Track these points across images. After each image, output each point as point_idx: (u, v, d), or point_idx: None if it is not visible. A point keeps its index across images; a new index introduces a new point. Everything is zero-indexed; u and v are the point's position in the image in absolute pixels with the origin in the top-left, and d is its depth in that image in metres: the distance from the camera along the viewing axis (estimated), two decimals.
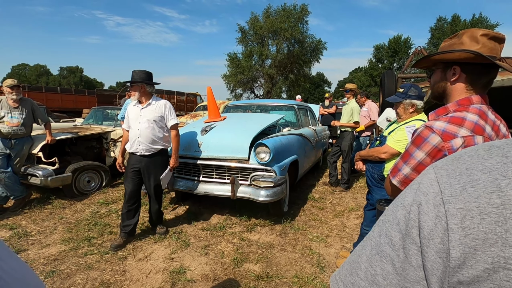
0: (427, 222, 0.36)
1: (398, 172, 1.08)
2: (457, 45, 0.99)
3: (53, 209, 3.69)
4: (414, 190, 0.40)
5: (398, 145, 2.04)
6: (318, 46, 27.59)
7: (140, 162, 2.84)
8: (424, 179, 0.40)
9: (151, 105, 2.84)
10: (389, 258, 0.39)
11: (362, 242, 0.46)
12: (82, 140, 4.79)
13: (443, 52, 1.00)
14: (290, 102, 5.06)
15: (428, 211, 0.36)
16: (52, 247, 2.73)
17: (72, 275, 2.29)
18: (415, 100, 2.05)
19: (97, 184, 4.45)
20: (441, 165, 0.39)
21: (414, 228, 0.37)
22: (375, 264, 0.41)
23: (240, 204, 3.74)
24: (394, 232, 0.39)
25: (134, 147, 2.82)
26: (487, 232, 0.31)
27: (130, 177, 2.85)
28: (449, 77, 1.02)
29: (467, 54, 0.93)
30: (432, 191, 0.37)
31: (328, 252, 2.76)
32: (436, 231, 0.34)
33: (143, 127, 2.78)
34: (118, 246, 2.72)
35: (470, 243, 0.32)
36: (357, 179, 5.44)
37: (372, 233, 0.45)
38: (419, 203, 0.38)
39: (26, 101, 3.70)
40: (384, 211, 0.44)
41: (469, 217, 0.32)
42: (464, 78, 0.99)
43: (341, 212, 3.81)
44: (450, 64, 1.01)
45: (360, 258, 0.44)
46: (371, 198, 2.40)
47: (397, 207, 0.41)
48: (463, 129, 0.93)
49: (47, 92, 15.92)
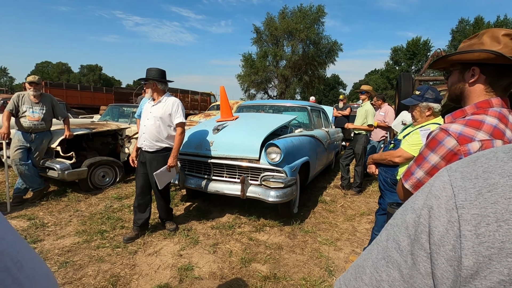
0: (438, 227, 0.34)
1: (411, 176, 1.05)
2: (477, 45, 0.95)
3: (69, 202, 3.81)
4: (425, 193, 0.38)
5: (413, 149, 1.98)
6: (333, 48, 27.32)
7: (145, 158, 2.90)
8: (437, 182, 0.37)
9: (161, 103, 2.89)
10: (396, 263, 0.37)
11: (369, 246, 0.45)
12: (98, 136, 4.93)
13: (461, 52, 0.96)
14: (303, 103, 5.02)
15: (440, 215, 0.34)
16: (66, 238, 2.82)
17: (84, 266, 2.35)
18: (432, 103, 1.98)
19: (111, 179, 4.56)
20: (456, 167, 0.37)
21: (424, 234, 0.35)
22: (381, 270, 0.39)
23: (250, 204, 3.74)
24: (403, 236, 0.37)
25: (140, 142, 2.90)
26: (504, 240, 0.28)
27: (140, 171, 2.93)
28: (468, 79, 0.98)
29: (487, 55, 0.88)
30: (444, 195, 0.35)
31: (337, 256, 2.71)
32: (448, 238, 0.32)
33: (149, 124, 2.84)
34: (130, 238, 2.78)
35: (484, 251, 0.29)
36: (369, 183, 5.34)
37: (380, 237, 0.43)
38: (430, 207, 0.36)
39: (47, 97, 3.84)
40: (393, 215, 0.42)
41: (485, 223, 0.30)
42: (484, 80, 0.95)
43: (352, 216, 3.74)
44: (469, 65, 0.96)
45: (365, 262, 0.42)
46: (383, 202, 2.34)
47: (407, 211, 0.39)
48: (481, 132, 0.89)
49: (67, 89, 16.47)
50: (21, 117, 3.59)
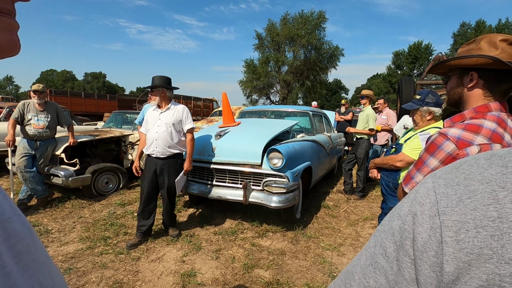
0: (422, 234, 0.34)
1: (411, 180, 1.06)
2: (474, 51, 0.96)
3: (72, 208, 3.83)
4: (411, 200, 0.38)
5: (414, 153, 1.98)
6: (335, 53, 27.45)
7: (156, 164, 2.91)
8: (421, 189, 0.38)
9: (170, 110, 2.93)
10: (382, 270, 0.38)
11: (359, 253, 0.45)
12: (102, 143, 4.97)
13: (460, 58, 0.97)
14: (305, 108, 5.04)
15: (423, 222, 0.34)
16: (70, 245, 2.83)
17: (87, 273, 2.36)
18: (433, 107, 1.99)
19: (115, 186, 4.58)
20: (440, 174, 0.37)
21: (408, 240, 0.35)
22: (369, 276, 0.39)
23: (252, 209, 3.74)
24: (389, 243, 0.38)
25: (151, 149, 2.90)
26: (482, 246, 0.29)
27: (147, 178, 2.93)
28: (466, 83, 0.99)
29: (485, 60, 0.90)
30: (428, 201, 0.35)
31: (340, 262, 2.69)
32: (430, 244, 0.33)
33: (161, 130, 2.87)
34: (133, 245, 2.79)
35: (464, 257, 0.30)
36: (373, 187, 5.31)
37: (369, 243, 0.43)
38: (414, 214, 0.36)
39: (51, 105, 3.90)
40: (382, 221, 0.43)
41: (464, 230, 0.30)
42: (482, 85, 0.96)
43: (356, 221, 3.72)
44: (467, 70, 0.98)
45: (355, 268, 0.43)
46: (386, 207, 2.33)
47: (393, 217, 0.40)
48: (480, 136, 0.90)
49: (71, 97, 16.67)
50: (26, 125, 3.64)
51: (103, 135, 4.70)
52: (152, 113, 2.98)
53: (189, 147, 3.02)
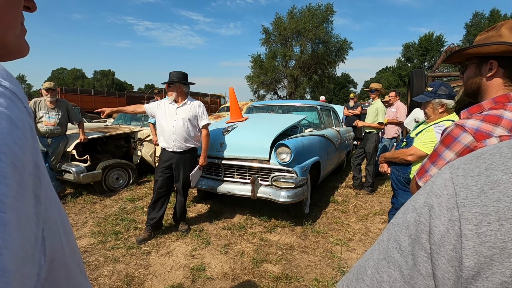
0: (439, 226, 0.32)
1: (425, 174, 1.03)
2: (494, 38, 0.92)
3: (84, 204, 3.91)
4: (427, 191, 0.37)
5: (426, 147, 1.93)
6: (343, 46, 27.04)
7: (172, 158, 2.96)
8: (438, 180, 0.36)
9: (186, 105, 2.97)
10: (397, 264, 0.36)
11: (371, 247, 0.44)
12: (112, 139, 5.04)
13: (478, 46, 0.92)
14: (313, 102, 4.99)
15: (440, 214, 0.33)
16: (82, 239, 2.89)
17: (100, 266, 2.41)
18: (445, 99, 1.93)
19: (125, 181, 4.65)
20: (458, 164, 0.35)
21: (424, 233, 0.34)
22: (382, 270, 0.38)
23: (261, 204, 3.74)
24: (403, 236, 0.36)
25: (168, 143, 2.94)
26: (506, 240, 0.27)
27: (162, 171, 2.97)
28: (485, 73, 0.94)
29: (506, 47, 0.85)
30: (446, 193, 0.34)
31: (350, 257, 2.68)
32: (448, 237, 0.31)
33: (178, 125, 2.90)
34: (143, 239, 2.83)
35: (486, 252, 0.28)
36: (382, 182, 5.24)
37: (382, 236, 0.42)
38: (430, 206, 0.34)
39: (62, 102, 3.96)
40: (396, 214, 0.41)
41: (486, 222, 0.29)
42: (502, 73, 0.91)
43: (365, 216, 3.68)
44: (486, 59, 0.93)
45: (367, 263, 0.41)
46: (396, 202, 2.29)
47: (408, 209, 0.38)
48: (500, 128, 0.86)
49: (81, 94, 16.94)
50: (38, 123, 3.72)
51: (113, 131, 4.76)
52: (168, 107, 2.99)
53: (204, 142, 3.07)
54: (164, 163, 2.97)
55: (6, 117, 0.27)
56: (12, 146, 0.26)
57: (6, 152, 0.25)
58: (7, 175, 0.25)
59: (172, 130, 2.91)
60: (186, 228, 3.10)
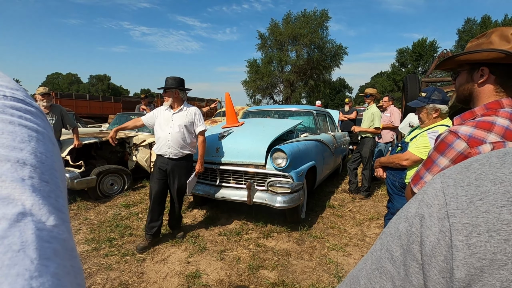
0: (430, 237, 0.32)
1: (420, 180, 1.03)
2: (485, 45, 0.93)
3: (78, 210, 3.86)
4: (418, 201, 0.36)
5: (421, 151, 1.95)
6: (338, 51, 27.33)
7: (167, 165, 2.91)
8: (429, 189, 0.36)
9: (182, 111, 2.93)
10: (389, 275, 0.36)
11: (364, 256, 0.43)
12: (106, 145, 4.99)
13: (469, 52, 0.94)
14: (308, 107, 5.01)
15: (431, 225, 0.32)
16: (76, 246, 2.84)
17: (93, 274, 2.37)
18: (439, 104, 1.95)
19: (120, 187, 4.60)
20: (449, 174, 0.35)
21: (416, 244, 0.34)
22: (374, 281, 0.37)
23: (257, 209, 3.72)
24: (396, 246, 0.36)
25: (163, 149, 2.89)
26: (496, 252, 0.27)
27: (157, 178, 2.92)
28: (476, 79, 0.96)
29: (497, 54, 0.86)
30: (436, 203, 0.33)
31: (346, 262, 2.67)
32: (439, 248, 0.31)
33: (174, 131, 2.86)
34: (144, 248, 2.77)
35: (476, 263, 0.28)
36: (378, 186, 5.26)
37: (374, 246, 0.41)
38: (421, 216, 0.34)
39: (56, 107, 3.93)
40: (388, 223, 0.41)
41: (476, 233, 0.29)
42: (493, 80, 0.93)
43: (361, 220, 3.68)
44: (478, 65, 0.94)
45: (360, 273, 0.41)
46: (392, 206, 2.30)
47: (400, 219, 0.38)
48: (492, 134, 0.87)
49: (76, 99, 16.84)
50: None
51: (107, 137, 4.72)
52: (164, 113, 2.95)
53: (200, 149, 3.03)
54: (159, 169, 2.92)
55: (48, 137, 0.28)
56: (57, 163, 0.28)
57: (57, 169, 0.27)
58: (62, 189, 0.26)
59: (167, 136, 2.87)
60: (182, 234, 3.07)
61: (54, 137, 0.31)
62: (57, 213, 0.24)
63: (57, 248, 0.22)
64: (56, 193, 0.25)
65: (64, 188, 0.28)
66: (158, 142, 2.94)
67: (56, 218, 0.23)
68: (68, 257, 0.23)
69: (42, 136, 0.27)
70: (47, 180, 0.25)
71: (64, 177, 0.29)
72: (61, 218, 0.24)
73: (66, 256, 0.22)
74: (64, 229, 0.24)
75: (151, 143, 5.01)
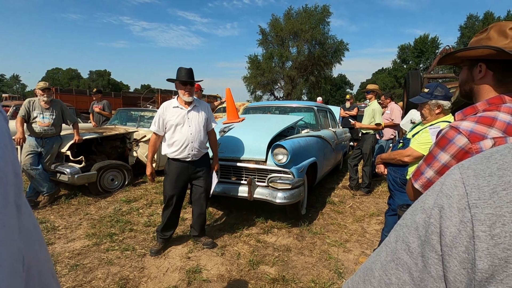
0: (450, 228, 0.32)
1: (421, 176, 1.02)
2: (484, 41, 0.92)
3: (79, 205, 3.87)
4: (436, 192, 0.36)
5: (423, 148, 1.93)
6: (339, 47, 27.17)
7: (188, 169, 2.66)
8: (448, 180, 0.36)
9: (196, 107, 2.67)
10: (406, 266, 0.36)
11: (378, 248, 0.43)
12: (107, 140, 4.99)
13: (466, 49, 0.94)
14: (309, 103, 4.99)
15: (451, 215, 0.32)
16: (76, 241, 2.86)
17: (94, 269, 2.38)
18: (442, 100, 1.94)
19: (120, 183, 4.61)
20: (468, 165, 0.35)
21: (435, 234, 0.33)
22: (390, 273, 0.37)
23: (257, 205, 3.72)
24: (412, 238, 0.36)
25: (185, 153, 2.60)
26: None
27: (176, 182, 2.64)
28: (476, 75, 0.95)
29: (489, 51, 0.86)
30: (456, 194, 0.33)
31: (346, 258, 2.67)
32: (460, 239, 0.31)
33: (195, 131, 2.60)
34: (158, 251, 2.65)
35: (500, 254, 0.28)
36: (378, 183, 5.26)
37: (389, 238, 0.41)
38: (441, 207, 0.34)
39: (56, 102, 3.92)
40: (403, 215, 0.41)
41: (500, 224, 0.28)
42: (492, 76, 0.92)
43: (362, 217, 3.69)
44: (476, 62, 0.94)
45: (374, 265, 0.41)
46: (393, 203, 2.30)
47: (417, 211, 0.38)
48: (494, 129, 0.86)
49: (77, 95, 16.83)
50: (32, 123, 3.67)
51: (108, 132, 4.71)
52: (175, 112, 2.59)
53: (216, 147, 2.92)
54: (180, 175, 2.63)
55: None
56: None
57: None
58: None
59: (190, 138, 2.57)
60: (211, 241, 2.81)
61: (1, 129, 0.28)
62: None
63: None
64: None
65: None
66: (174, 146, 2.59)
67: None
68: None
69: None
70: None
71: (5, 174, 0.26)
72: None
73: None
74: None
75: None
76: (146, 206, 3.85)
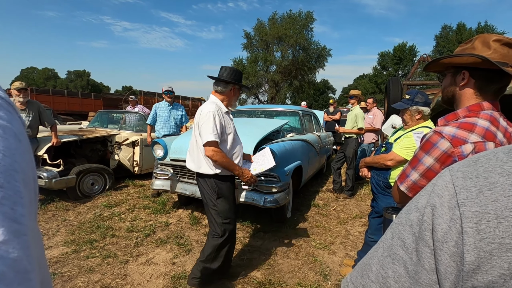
0: (441, 224, 0.35)
1: (406, 178, 1.06)
2: (468, 50, 0.98)
3: (56, 211, 3.70)
4: (428, 193, 0.40)
5: (405, 152, 2.01)
6: (323, 53, 27.77)
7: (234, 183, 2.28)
8: (439, 181, 0.39)
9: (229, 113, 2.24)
10: (401, 260, 0.39)
11: (375, 245, 0.46)
12: (87, 143, 4.82)
13: (451, 56, 0.99)
14: (295, 107, 5.06)
15: (443, 213, 0.36)
16: (54, 249, 2.73)
17: (73, 278, 2.28)
18: (422, 106, 2.03)
19: (101, 187, 4.45)
20: (458, 167, 0.39)
21: (428, 231, 0.37)
22: (387, 267, 0.40)
23: (243, 209, 3.71)
24: (407, 234, 0.39)
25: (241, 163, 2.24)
26: (504, 236, 0.30)
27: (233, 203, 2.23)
28: (458, 82, 1.01)
29: (474, 59, 0.92)
30: (447, 194, 0.37)
31: (331, 260, 2.71)
32: (450, 234, 0.34)
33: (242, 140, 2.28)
34: None
35: (485, 247, 0.31)
36: (361, 186, 5.39)
37: (385, 235, 0.44)
38: (433, 206, 0.37)
39: (33, 103, 3.75)
40: (398, 214, 0.44)
41: (485, 220, 0.32)
42: (473, 84, 0.98)
43: (345, 219, 3.76)
44: (460, 69, 1.00)
45: (372, 260, 0.44)
46: (376, 205, 2.36)
47: (411, 210, 0.41)
48: (474, 134, 0.91)
49: (54, 95, 16.14)
50: None
51: (88, 135, 4.56)
52: (228, 118, 2.13)
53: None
54: (232, 191, 2.22)
55: (11, 132, 0.25)
56: (21, 163, 0.25)
57: (18, 171, 0.24)
58: (22, 195, 0.23)
59: (242, 147, 2.24)
60: None
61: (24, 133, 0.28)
62: (9, 224, 0.20)
63: (3, 272, 0.18)
64: (13, 200, 0.21)
65: (29, 193, 0.25)
66: (235, 157, 2.15)
67: (5, 232, 0.19)
68: (19, 281, 0.19)
69: (3, 131, 0.24)
70: (1, 184, 0.21)
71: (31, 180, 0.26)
72: (13, 231, 0.20)
73: (16, 280, 0.19)
74: (16, 245, 0.20)
75: (134, 141, 4.89)
76: (128, 211, 3.74)
